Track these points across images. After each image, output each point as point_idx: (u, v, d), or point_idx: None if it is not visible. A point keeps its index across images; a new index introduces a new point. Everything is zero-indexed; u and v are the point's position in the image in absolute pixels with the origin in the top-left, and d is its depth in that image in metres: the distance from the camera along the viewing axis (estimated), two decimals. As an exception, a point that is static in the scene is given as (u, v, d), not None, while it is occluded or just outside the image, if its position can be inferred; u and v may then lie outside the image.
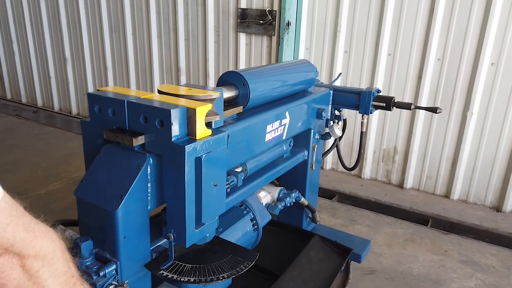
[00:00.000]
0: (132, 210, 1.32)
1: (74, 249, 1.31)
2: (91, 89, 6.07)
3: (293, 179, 2.72)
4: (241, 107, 1.85)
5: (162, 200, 1.41)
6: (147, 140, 1.35)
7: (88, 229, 1.39)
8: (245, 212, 2.02)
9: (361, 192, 4.03)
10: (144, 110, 1.32)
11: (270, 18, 4.16)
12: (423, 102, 3.82)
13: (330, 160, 4.51)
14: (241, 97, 1.86)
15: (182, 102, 1.36)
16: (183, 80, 5.07)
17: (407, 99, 3.90)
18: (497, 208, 3.73)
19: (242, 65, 4.55)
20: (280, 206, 2.34)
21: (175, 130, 1.30)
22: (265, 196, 2.35)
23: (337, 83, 4.16)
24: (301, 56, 4.29)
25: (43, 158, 4.58)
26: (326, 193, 4.03)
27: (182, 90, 1.57)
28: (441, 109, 2.49)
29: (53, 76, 6.46)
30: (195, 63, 4.91)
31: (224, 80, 1.89)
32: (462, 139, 3.73)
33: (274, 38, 4.22)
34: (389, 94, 3.97)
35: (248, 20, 4.29)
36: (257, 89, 1.88)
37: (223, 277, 1.39)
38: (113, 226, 1.29)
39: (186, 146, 1.27)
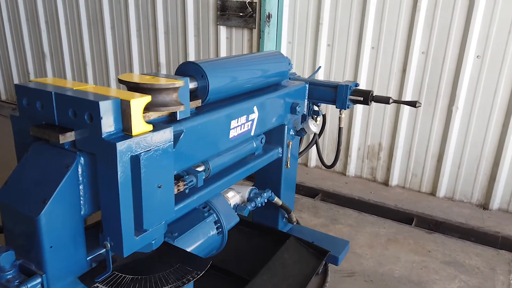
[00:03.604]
0: (59, 216, 1.17)
1: (-7, 260, 1.15)
2: (70, 85, 5.89)
3: (267, 178, 2.58)
4: (200, 100, 1.70)
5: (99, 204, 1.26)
6: (78, 137, 1.20)
7: (13, 238, 1.24)
8: (206, 214, 1.87)
9: (345, 190, 3.90)
10: (72, 103, 1.17)
11: (251, 10, 4.00)
12: (408, 96, 3.69)
13: (314, 157, 4.37)
14: (200, 90, 1.71)
15: (117, 93, 1.21)
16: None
17: (391, 93, 3.77)
18: (484, 205, 3.61)
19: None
20: (249, 207, 2.20)
21: (107, 125, 1.15)
22: (234, 196, 2.20)
23: (320, 77, 4.04)
24: (283, 49, 4.14)
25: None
26: (309, 192, 3.90)
27: (144, 79, 1.44)
28: (420, 103, 2.35)
29: (32, 72, 6.26)
30: (175, 58, 4.74)
31: (182, 72, 1.74)
32: (448, 135, 3.60)
33: (255, 31, 4.07)
34: (373, 88, 3.83)
35: (228, 13, 4.13)
36: (217, 82, 1.73)
37: (166, 290, 1.25)
38: (36, 234, 1.14)
39: (117, 144, 1.12)
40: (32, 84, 1.29)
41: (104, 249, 1.25)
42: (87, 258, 1.33)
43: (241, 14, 4.04)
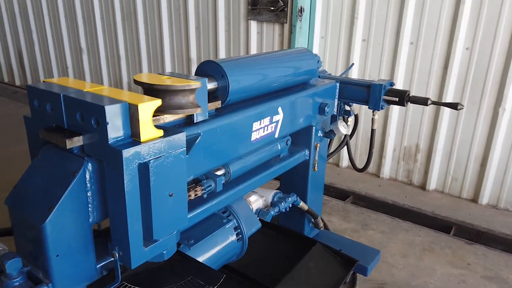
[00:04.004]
0: (65, 224, 1.12)
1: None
2: (105, 79, 6.01)
3: (294, 181, 2.47)
4: (219, 102, 1.61)
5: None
6: (86, 142, 1.14)
7: (22, 243, 1.21)
8: (225, 220, 1.79)
9: (378, 193, 3.71)
10: (80, 106, 1.12)
11: (282, 4, 3.87)
12: (449, 96, 3.44)
13: (346, 157, 4.19)
14: (220, 90, 1.62)
15: (127, 96, 1.14)
16: (194, 70, 4.88)
17: (431, 91, 3.53)
18: (532, 215, 3.33)
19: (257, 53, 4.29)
20: (272, 212, 2.10)
21: (114, 130, 1.08)
22: (256, 200, 2.11)
23: (354, 75, 3.85)
24: (316, 45, 3.98)
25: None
26: (340, 194, 3.74)
27: (159, 80, 1.37)
28: (463, 106, 2.15)
29: (70, 67, 6.44)
30: (206, 53, 4.70)
31: (202, 71, 1.66)
32: (493, 138, 3.33)
33: (286, 26, 3.93)
34: (411, 86, 3.61)
35: (259, 7, 4.02)
36: (238, 82, 1.63)
37: (175, 305, 1.18)
38: (42, 242, 1.10)
39: (123, 151, 1.05)
40: (44, 85, 1.25)
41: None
42: (97, 266, 1.29)
43: (272, 8, 3.92)
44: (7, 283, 1.13)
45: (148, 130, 1.12)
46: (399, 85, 3.65)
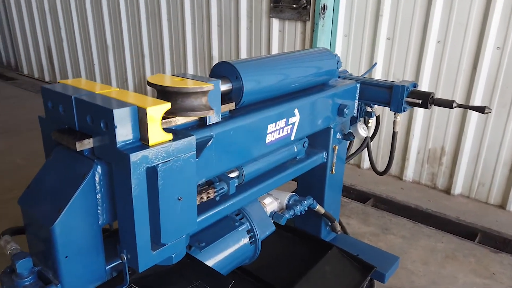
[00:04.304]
0: (75, 225, 1.13)
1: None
2: (130, 76, 6.11)
3: (311, 183, 2.42)
4: (233, 103, 1.59)
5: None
6: (96, 144, 1.14)
7: (34, 243, 1.23)
8: (237, 223, 1.77)
9: (400, 196, 3.62)
10: (90, 109, 1.12)
11: (305, 1, 3.80)
12: (478, 97, 3.30)
13: (367, 158, 4.09)
14: (234, 92, 1.60)
15: (136, 99, 1.13)
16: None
17: (459, 92, 3.40)
18: None
19: (274, 53, 4.25)
20: (287, 216, 2.06)
21: (122, 133, 1.08)
22: (271, 203, 2.08)
23: (377, 75, 3.75)
24: (339, 43, 3.90)
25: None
26: (360, 196, 3.66)
27: (172, 82, 1.36)
28: (490, 109, 2.05)
29: (96, 63, 6.58)
30: (227, 51, 4.69)
31: (217, 72, 1.64)
32: (524, 142, 3.18)
33: (309, 24, 3.87)
34: (437, 87, 3.49)
35: (282, 5, 3.97)
36: (253, 83, 1.60)
37: (181, 311, 1.17)
38: (51, 244, 1.11)
39: (131, 155, 1.04)
40: (58, 86, 1.25)
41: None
42: (108, 267, 1.29)
43: (294, 6, 3.86)
44: (17, 282, 1.14)
45: (156, 133, 1.11)
46: (424, 85, 3.53)
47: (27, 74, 8.21)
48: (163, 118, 1.33)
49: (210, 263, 1.61)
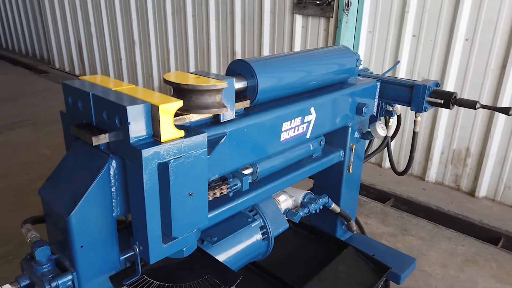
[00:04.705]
0: (90, 217, 1.18)
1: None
2: (155, 72, 6.22)
3: (327, 182, 2.42)
4: (248, 101, 1.61)
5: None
6: (111, 140, 1.19)
7: (52, 232, 1.29)
8: (250, 219, 1.79)
9: (421, 197, 3.55)
10: (105, 105, 1.16)
11: (329, -2, 3.76)
12: (506, 97, 3.19)
13: (389, 157, 4.03)
14: (249, 90, 1.62)
15: (150, 97, 1.17)
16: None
17: (486, 92, 3.29)
18: None
19: (297, 50, 4.24)
20: (301, 213, 2.07)
21: (136, 130, 1.11)
22: (286, 200, 2.09)
23: (402, 73, 3.68)
24: (363, 40, 3.85)
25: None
26: (380, 195, 3.62)
27: (187, 79, 1.39)
28: (516, 111, 1.98)
29: (123, 59, 6.73)
30: (250, 47, 4.70)
31: (232, 70, 1.66)
32: (555, 145, 3.05)
33: (332, 20, 3.83)
34: (464, 86, 3.39)
35: (305, 1, 3.94)
36: (268, 81, 1.61)
37: (189, 303, 1.20)
38: (68, 233, 1.16)
39: (143, 150, 1.08)
40: (77, 82, 1.31)
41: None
42: (122, 258, 1.34)
43: (318, 2, 3.83)
44: (36, 268, 1.21)
45: (168, 130, 1.14)
46: (450, 85, 3.44)
47: (58, 68, 8.50)
48: (178, 115, 1.37)
49: (222, 257, 1.64)
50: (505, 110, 2.03)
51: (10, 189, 3.49)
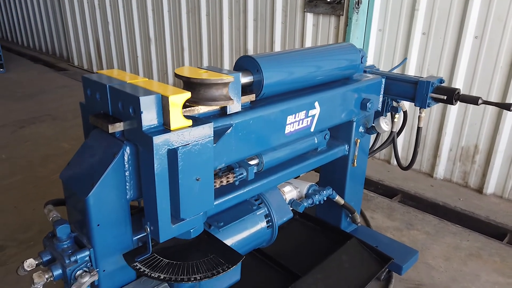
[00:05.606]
0: (106, 198, 1.29)
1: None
2: (170, 68, 6.36)
3: (332, 175, 2.50)
4: (254, 95, 1.70)
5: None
6: (126, 128, 1.30)
7: (72, 213, 1.41)
8: (255, 207, 1.89)
9: (429, 193, 3.58)
10: (120, 96, 1.27)
11: (339, -4, 3.82)
12: (515, 95, 3.21)
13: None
14: (255, 84, 1.71)
15: (161, 89, 1.27)
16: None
17: (495, 89, 3.31)
18: None
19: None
20: (305, 204, 2.15)
21: (148, 119, 1.22)
22: (290, 191, 2.18)
23: (411, 70, 3.72)
24: (373, 37, 3.90)
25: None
26: (387, 191, 3.67)
27: (196, 73, 1.50)
28: (516, 106, 2.03)
29: (139, 56, 6.90)
30: (262, 45, 4.79)
31: (240, 65, 1.76)
32: None
33: (342, 18, 3.89)
34: (473, 84, 3.41)
35: (316, -1, 4.01)
36: (273, 76, 1.71)
37: (195, 279, 1.30)
38: (86, 213, 1.28)
39: (154, 137, 1.19)
40: (95, 76, 1.42)
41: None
42: (134, 238, 1.46)
43: (328, 0, 3.89)
44: (57, 245, 1.33)
45: (177, 119, 1.25)
46: (459, 82, 3.46)
47: (77, 65, 8.74)
48: (188, 106, 1.48)
49: (228, 242, 1.74)
50: (506, 106, 2.08)
51: (31, 180, 3.67)
